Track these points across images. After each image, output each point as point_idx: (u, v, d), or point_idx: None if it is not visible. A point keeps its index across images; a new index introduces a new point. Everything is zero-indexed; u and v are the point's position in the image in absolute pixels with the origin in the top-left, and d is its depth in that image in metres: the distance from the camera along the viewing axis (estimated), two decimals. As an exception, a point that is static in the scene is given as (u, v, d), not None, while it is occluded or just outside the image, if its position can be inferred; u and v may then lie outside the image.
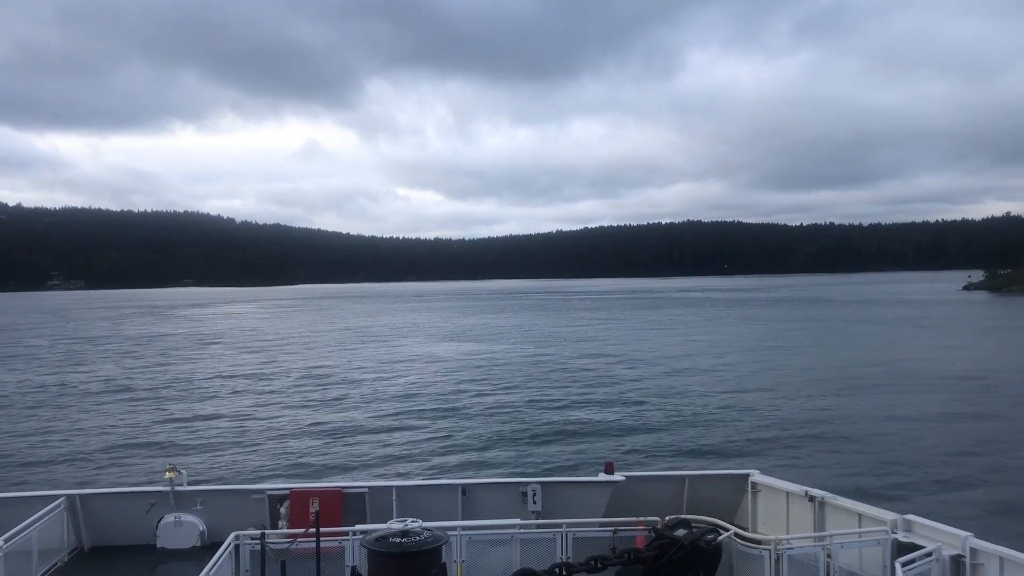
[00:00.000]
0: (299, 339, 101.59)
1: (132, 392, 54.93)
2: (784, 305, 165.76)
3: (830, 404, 46.10)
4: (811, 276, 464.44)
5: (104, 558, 14.37)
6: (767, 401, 47.61)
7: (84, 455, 35.42)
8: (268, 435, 39.48)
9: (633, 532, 12.25)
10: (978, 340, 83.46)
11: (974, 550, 10.91)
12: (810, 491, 13.88)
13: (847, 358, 67.63)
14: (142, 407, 48.56)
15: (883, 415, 42.35)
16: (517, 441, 37.44)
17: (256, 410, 46.98)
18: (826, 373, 58.85)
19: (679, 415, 43.47)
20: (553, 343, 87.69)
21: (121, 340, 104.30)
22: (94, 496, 15.06)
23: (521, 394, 51.71)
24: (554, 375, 61.21)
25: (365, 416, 44.59)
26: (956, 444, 35.52)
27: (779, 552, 11.07)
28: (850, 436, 37.52)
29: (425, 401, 49.37)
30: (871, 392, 49.98)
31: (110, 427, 42.06)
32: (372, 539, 9.88)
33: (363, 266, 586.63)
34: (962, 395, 48.35)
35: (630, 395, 50.76)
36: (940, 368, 60.34)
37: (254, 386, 57.32)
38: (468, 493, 14.96)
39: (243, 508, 14.78)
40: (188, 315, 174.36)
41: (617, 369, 63.29)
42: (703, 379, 56.94)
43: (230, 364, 71.74)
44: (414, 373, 62.66)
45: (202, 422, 43.24)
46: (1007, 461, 32.55)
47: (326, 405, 48.21)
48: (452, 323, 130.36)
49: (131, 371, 67.13)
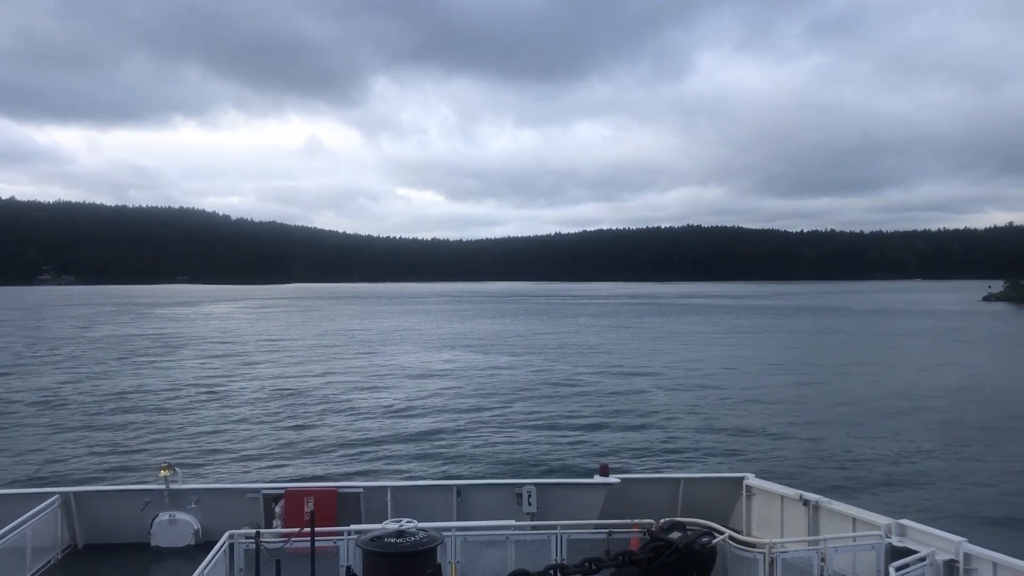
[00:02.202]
0: (271, 344, 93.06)
1: (116, 394, 54.81)
2: (802, 315, 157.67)
3: (833, 412, 46.17)
4: (814, 283, 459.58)
5: (98, 556, 14.34)
6: (768, 407, 47.74)
7: (79, 453, 35.33)
8: (263, 435, 39.43)
9: (628, 534, 12.29)
10: (1007, 353, 79.69)
11: (968, 555, 10.94)
12: (804, 495, 13.91)
13: (882, 374, 62.67)
14: (136, 407, 48.42)
15: (886, 422, 42.29)
16: (512, 442, 37.44)
17: (247, 412, 46.87)
18: (850, 386, 55.62)
19: (675, 417, 43.54)
20: (560, 355, 77.73)
21: (81, 342, 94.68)
22: (88, 494, 15.04)
23: (517, 395, 51.70)
24: (552, 378, 61.24)
25: (361, 418, 44.56)
26: (952, 450, 35.62)
27: (773, 555, 11.09)
28: (848, 441, 37.62)
29: (420, 402, 49.34)
30: (882, 402, 48.82)
31: (105, 426, 41.97)
32: (367, 539, 9.88)
33: (359, 266, 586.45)
34: (972, 406, 47.36)
35: (626, 397, 50.80)
36: (954, 380, 58.52)
37: (227, 389, 57.07)
38: (463, 494, 14.96)
39: (238, 507, 14.77)
40: (167, 314, 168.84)
41: (626, 380, 59.61)
42: (731, 397, 50.87)
43: (181, 371, 64.97)
44: (401, 385, 61.62)
45: (196, 422, 43.17)
46: (1002, 468, 32.66)
47: (309, 411, 47.25)
48: (446, 329, 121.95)
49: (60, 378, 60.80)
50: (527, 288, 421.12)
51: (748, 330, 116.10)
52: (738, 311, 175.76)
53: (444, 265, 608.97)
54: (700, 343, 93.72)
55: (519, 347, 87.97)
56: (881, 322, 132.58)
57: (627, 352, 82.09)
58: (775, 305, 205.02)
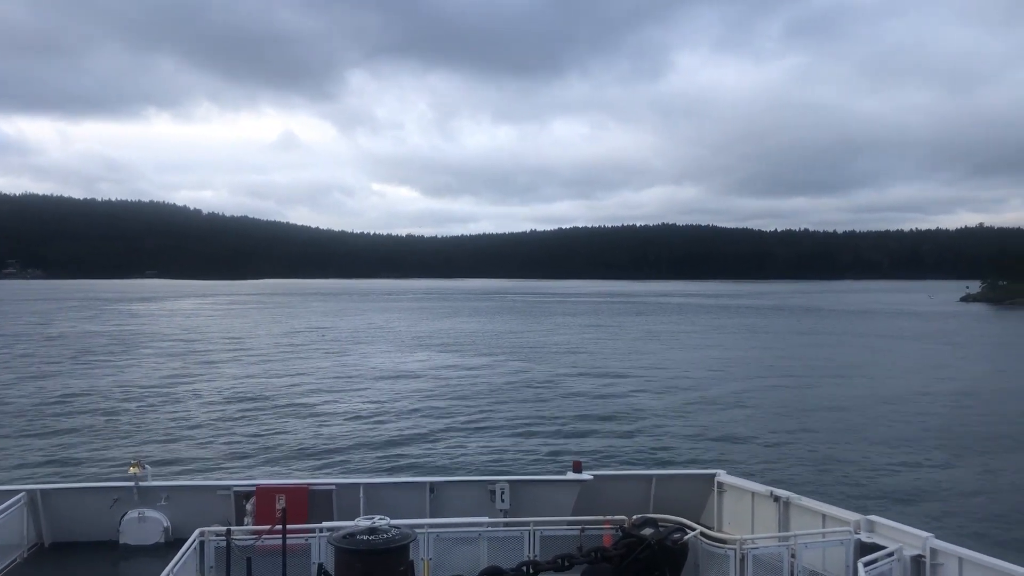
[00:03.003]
0: (234, 342, 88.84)
1: (90, 389, 54.04)
2: (782, 315, 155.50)
3: (805, 411, 46.74)
4: (789, 283, 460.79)
5: (65, 554, 14.10)
6: (741, 406, 48.16)
7: (45, 451, 34.75)
8: (234, 433, 39.06)
9: (600, 531, 12.32)
10: (993, 354, 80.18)
11: (934, 550, 11.12)
12: (775, 491, 14.05)
13: (856, 375, 62.34)
14: (101, 406, 47.75)
15: (858, 421, 42.79)
16: (486, 439, 37.44)
17: (217, 410, 46.42)
18: (823, 386, 55.91)
19: (649, 415, 43.79)
20: (534, 354, 75.89)
21: (36, 340, 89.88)
22: (55, 491, 14.78)
23: (490, 394, 51.76)
24: (526, 376, 61.29)
25: (332, 416, 44.32)
26: (920, 449, 36.23)
27: (744, 552, 11.18)
28: (818, 439, 38.12)
29: (393, 401, 49.18)
30: (854, 402, 49.22)
31: (71, 422, 41.34)
32: (339, 536, 9.80)
33: (332, 261, 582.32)
34: (941, 406, 48.00)
35: (600, 395, 51.00)
36: (926, 381, 58.92)
37: (194, 387, 56.54)
38: (436, 491, 14.92)
39: (208, 504, 14.60)
40: (130, 310, 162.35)
41: (600, 379, 59.13)
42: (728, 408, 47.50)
43: (142, 369, 62.53)
44: (371, 385, 60.94)
45: (165, 420, 42.67)
46: (968, 465, 33.31)
47: (279, 409, 46.87)
48: (419, 327, 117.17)
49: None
50: (503, 285, 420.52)
51: (730, 330, 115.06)
52: (717, 310, 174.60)
53: (419, 262, 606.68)
54: (677, 342, 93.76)
55: (494, 347, 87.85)
56: (862, 323, 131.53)
57: (602, 351, 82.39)
58: (755, 305, 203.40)
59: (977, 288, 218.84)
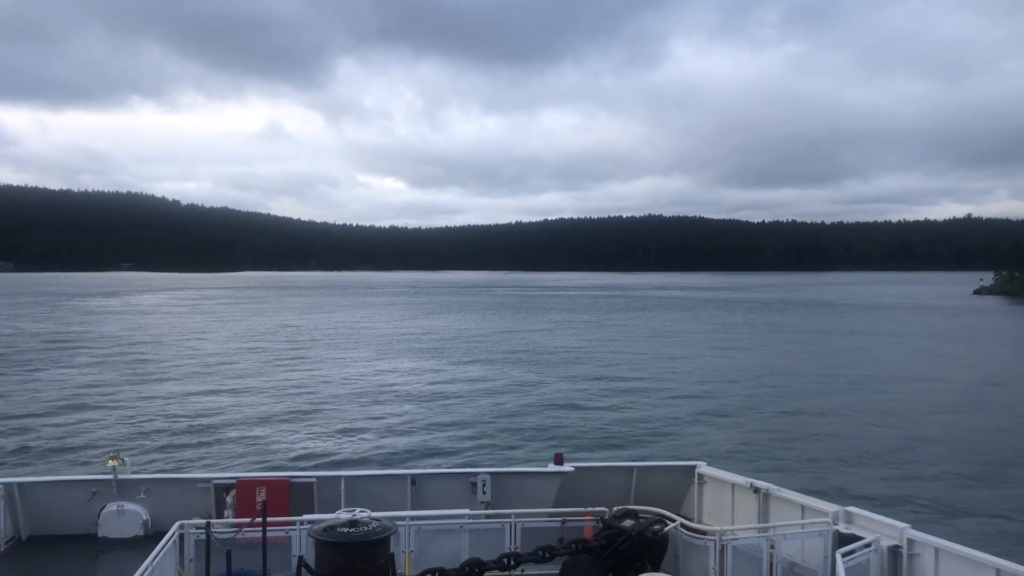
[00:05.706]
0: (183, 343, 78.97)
1: (72, 380, 53.49)
2: (792, 311, 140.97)
3: (787, 403, 46.99)
4: (779, 275, 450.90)
5: (43, 547, 13.97)
6: (723, 398, 48.46)
7: (22, 444, 34.37)
8: (216, 425, 38.83)
9: (581, 522, 12.39)
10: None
11: (911, 541, 11.26)
12: (755, 483, 14.14)
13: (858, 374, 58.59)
14: (79, 400, 47.30)
15: (844, 416, 42.75)
16: (468, 431, 37.47)
17: (197, 400, 46.12)
18: (811, 383, 53.78)
19: (630, 407, 43.99)
20: (522, 351, 69.77)
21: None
22: (33, 484, 14.63)
23: (471, 386, 51.72)
24: (508, 369, 61.30)
25: (311, 410, 44.17)
26: (898, 441, 36.63)
27: (724, 543, 11.27)
28: (798, 431, 38.48)
29: (373, 392, 49.08)
30: (840, 395, 48.71)
31: (50, 415, 40.90)
32: (320, 529, 9.78)
33: (314, 253, 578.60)
34: (923, 398, 47.91)
35: (581, 387, 51.14)
36: (916, 374, 57.44)
37: (170, 381, 56.11)
38: (417, 483, 14.91)
39: (188, 497, 14.51)
40: (86, 307, 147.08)
41: (581, 371, 57.92)
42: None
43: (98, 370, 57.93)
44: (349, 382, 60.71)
45: (144, 414, 42.33)
46: (945, 456, 33.75)
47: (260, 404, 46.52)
48: (402, 325, 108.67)
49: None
50: (488, 278, 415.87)
51: (732, 327, 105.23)
52: (719, 304, 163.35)
53: (403, 254, 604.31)
54: (670, 337, 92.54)
55: (477, 344, 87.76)
56: (880, 320, 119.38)
57: (585, 345, 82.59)
58: (761, 298, 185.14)
59: (991, 280, 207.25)
